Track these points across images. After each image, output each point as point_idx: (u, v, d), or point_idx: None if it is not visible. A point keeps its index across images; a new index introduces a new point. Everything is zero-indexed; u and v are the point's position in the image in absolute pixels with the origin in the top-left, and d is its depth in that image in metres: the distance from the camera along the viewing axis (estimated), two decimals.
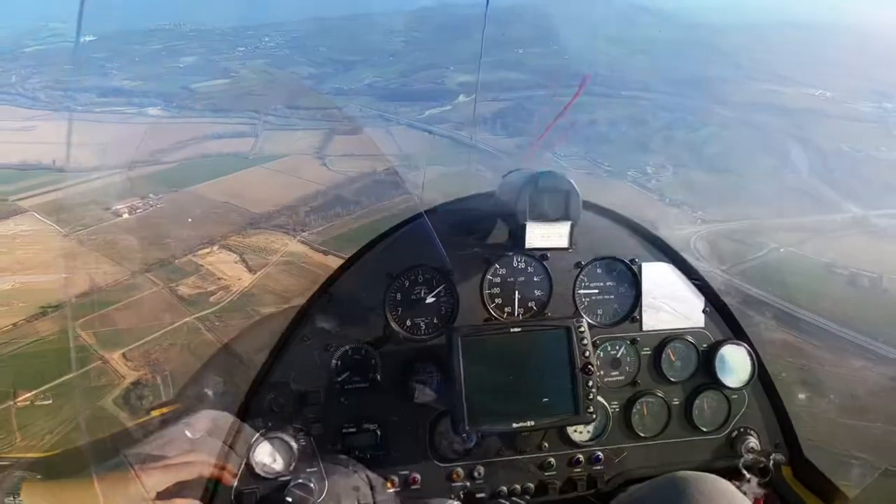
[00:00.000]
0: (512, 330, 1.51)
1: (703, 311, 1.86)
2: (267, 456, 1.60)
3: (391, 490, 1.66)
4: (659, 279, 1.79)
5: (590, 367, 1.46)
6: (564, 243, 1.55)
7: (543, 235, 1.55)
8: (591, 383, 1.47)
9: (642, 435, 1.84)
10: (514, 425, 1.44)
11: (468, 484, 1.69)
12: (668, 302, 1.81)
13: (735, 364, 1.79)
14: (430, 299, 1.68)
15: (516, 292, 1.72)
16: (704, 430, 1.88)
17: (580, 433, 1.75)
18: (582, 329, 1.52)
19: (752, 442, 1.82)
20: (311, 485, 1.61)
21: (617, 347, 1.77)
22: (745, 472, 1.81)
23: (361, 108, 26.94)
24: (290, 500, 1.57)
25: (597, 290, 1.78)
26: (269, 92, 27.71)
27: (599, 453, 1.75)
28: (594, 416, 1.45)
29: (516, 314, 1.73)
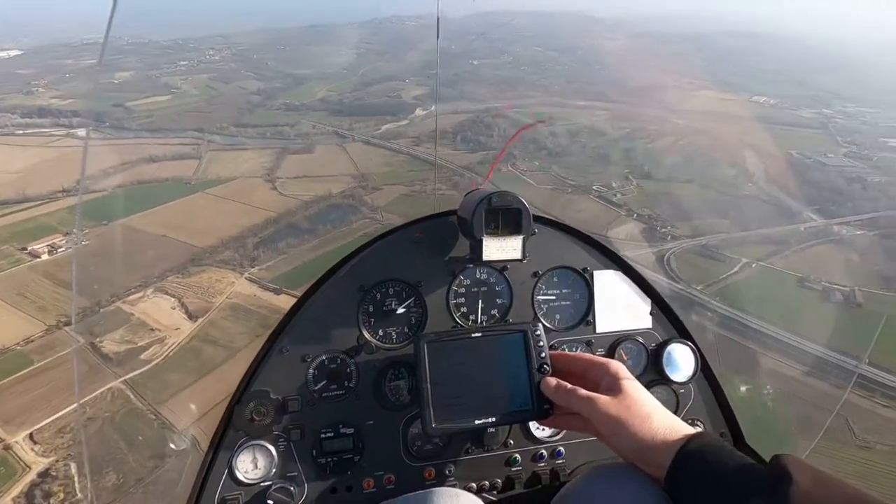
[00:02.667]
0: (473, 335, 1.64)
1: (651, 314, 2.02)
2: (249, 462, 1.69)
3: (368, 491, 1.78)
4: (609, 285, 2.00)
5: (545, 366, 1.59)
6: (518, 255, 1.76)
7: (499, 248, 1.75)
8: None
9: None
10: (477, 422, 1.57)
11: (440, 482, 1.85)
12: (619, 305, 2.00)
13: (681, 360, 1.98)
14: (400, 310, 1.84)
15: (480, 301, 1.91)
16: None
17: (542, 430, 1.92)
18: (538, 332, 1.65)
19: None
20: (291, 488, 1.70)
21: (574, 349, 1.95)
22: None
23: (315, 124, 25.93)
24: (270, 503, 1.65)
25: (554, 297, 1.98)
26: (215, 109, 26.27)
27: (561, 448, 1.92)
28: (550, 411, 1.55)
29: (480, 321, 1.91)
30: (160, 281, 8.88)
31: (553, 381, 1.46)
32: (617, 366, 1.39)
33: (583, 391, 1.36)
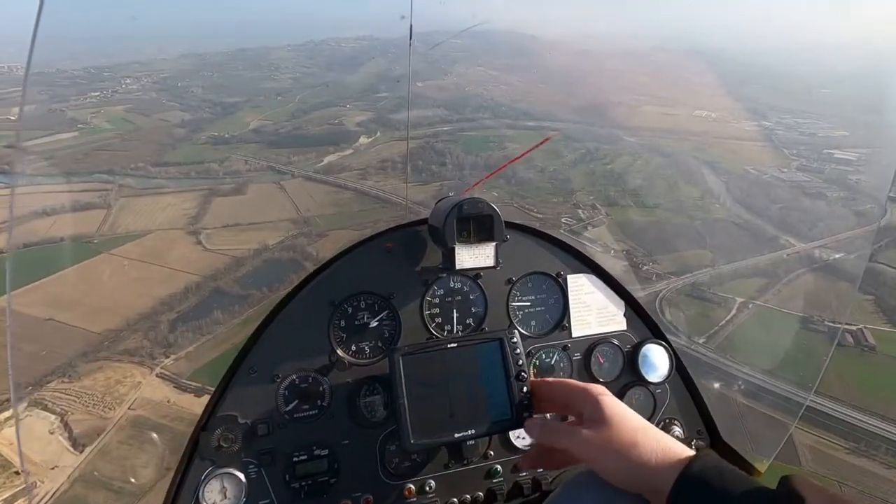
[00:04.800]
0: (449, 346, 1.58)
1: (625, 315, 2.01)
2: (217, 493, 1.55)
3: None
4: (583, 289, 1.98)
5: (523, 374, 1.55)
6: (491, 262, 1.73)
7: (472, 256, 1.72)
8: (525, 389, 1.55)
9: None
10: (456, 435, 1.52)
11: (421, 499, 1.77)
12: (593, 309, 1.98)
13: (656, 361, 1.97)
14: (373, 324, 1.77)
15: (455, 310, 1.87)
16: None
17: (522, 439, 1.87)
18: (514, 340, 1.60)
19: (678, 431, 2.02)
20: None
21: (551, 355, 1.94)
22: None
23: (247, 159, 23.71)
24: None
25: (529, 303, 1.95)
26: (130, 146, 23.54)
27: None
28: (529, 419, 1.50)
29: (456, 331, 1.86)
30: (37, 390, 6.73)
31: (536, 421, 1.43)
32: (597, 391, 1.34)
33: (565, 428, 1.34)
